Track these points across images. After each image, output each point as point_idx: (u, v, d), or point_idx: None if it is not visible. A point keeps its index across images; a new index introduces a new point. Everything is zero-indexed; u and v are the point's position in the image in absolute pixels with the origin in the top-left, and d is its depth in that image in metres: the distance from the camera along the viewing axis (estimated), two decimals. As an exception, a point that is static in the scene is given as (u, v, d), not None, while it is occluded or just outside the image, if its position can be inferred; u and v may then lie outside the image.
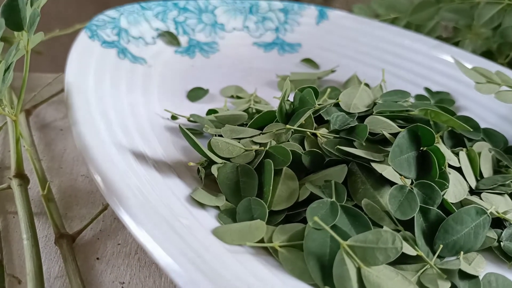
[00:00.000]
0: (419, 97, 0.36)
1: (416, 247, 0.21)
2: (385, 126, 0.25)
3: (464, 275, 0.21)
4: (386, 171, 0.23)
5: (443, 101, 0.36)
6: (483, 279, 0.21)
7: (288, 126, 0.25)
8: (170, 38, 0.39)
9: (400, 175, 0.23)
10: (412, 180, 0.23)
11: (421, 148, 0.23)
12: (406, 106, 0.27)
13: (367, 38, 0.43)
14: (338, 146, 0.23)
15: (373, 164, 0.23)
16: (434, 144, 0.23)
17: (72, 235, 0.25)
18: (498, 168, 0.28)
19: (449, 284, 0.20)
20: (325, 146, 0.24)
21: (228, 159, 0.25)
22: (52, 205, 0.26)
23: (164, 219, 0.20)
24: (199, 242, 0.20)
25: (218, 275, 0.18)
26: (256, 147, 0.25)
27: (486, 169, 0.27)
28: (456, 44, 0.42)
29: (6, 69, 0.22)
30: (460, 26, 0.42)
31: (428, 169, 0.23)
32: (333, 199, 0.22)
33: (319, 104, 0.27)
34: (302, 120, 0.26)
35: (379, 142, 0.25)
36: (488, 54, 0.41)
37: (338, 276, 0.19)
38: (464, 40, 0.42)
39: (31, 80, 0.39)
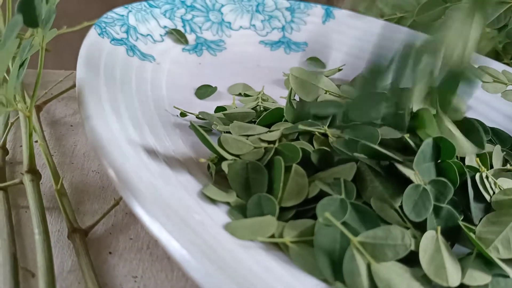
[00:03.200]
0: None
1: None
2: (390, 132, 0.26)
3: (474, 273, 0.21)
4: (409, 173, 0.23)
5: None
6: (492, 278, 0.21)
7: (301, 126, 0.25)
8: (178, 36, 0.40)
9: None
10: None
11: (439, 160, 0.24)
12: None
13: (373, 38, 0.43)
14: (373, 146, 0.23)
15: (398, 166, 0.23)
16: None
17: (85, 229, 0.25)
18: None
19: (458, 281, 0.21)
20: (336, 145, 0.25)
21: (238, 156, 0.25)
22: (65, 200, 0.26)
23: (177, 213, 0.20)
24: (212, 237, 0.20)
25: (232, 269, 0.18)
26: (265, 144, 0.26)
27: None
28: (462, 43, 0.43)
29: (21, 65, 0.23)
30: (466, 26, 0.43)
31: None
32: (343, 196, 0.22)
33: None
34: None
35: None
36: (493, 54, 0.41)
37: (348, 272, 0.19)
38: (470, 39, 0.42)
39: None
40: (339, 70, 0.40)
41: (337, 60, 0.41)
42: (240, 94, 0.36)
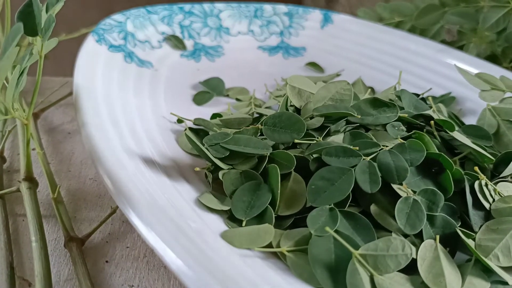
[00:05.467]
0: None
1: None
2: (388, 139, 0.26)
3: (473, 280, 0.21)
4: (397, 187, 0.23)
5: (444, 101, 0.36)
6: (491, 285, 0.21)
7: (297, 140, 0.25)
8: (176, 42, 0.40)
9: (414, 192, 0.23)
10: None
11: (435, 169, 0.24)
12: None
13: (372, 42, 0.43)
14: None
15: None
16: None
17: (82, 238, 0.25)
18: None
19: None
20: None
21: (232, 165, 0.25)
22: (61, 208, 0.26)
23: (173, 221, 0.20)
24: (208, 245, 0.20)
25: (228, 279, 0.18)
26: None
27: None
28: (461, 48, 0.43)
29: (20, 74, 0.23)
30: (465, 30, 0.42)
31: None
32: (331, 205, 0.22)
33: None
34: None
35: None
36: (492, 58, 0.41)
37: (352, 285, 0.19)
38: (469, 43, 0.42)
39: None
40: (338, 75, 0.40)
41: (335, 65, 0.41)
42: (228, 96, 0.35)
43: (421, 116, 0.28)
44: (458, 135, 0.27)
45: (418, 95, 0.32)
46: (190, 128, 0.28)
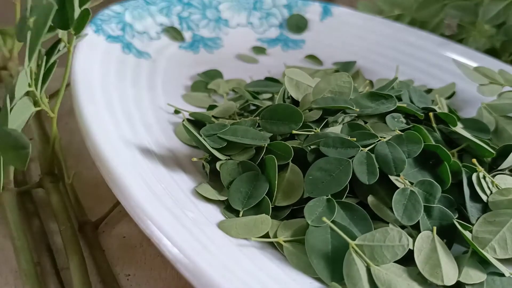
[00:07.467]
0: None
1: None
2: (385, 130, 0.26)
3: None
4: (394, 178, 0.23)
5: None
6: (487, 277, 0.21)
7: (294, 131, 0.25)
8: (174, 33, 0.39)
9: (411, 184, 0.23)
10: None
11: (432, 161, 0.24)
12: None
13: (372, 35, 0.43)
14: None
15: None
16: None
17: (95, 222, 0.25)
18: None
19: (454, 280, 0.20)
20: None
21: (229, 155, 0.25)
22: (71, 195, 0.27)
23: (170, 211, 0.20)
24: (205, 235, 0.20)
25: (225, 268, 0.18)
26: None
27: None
28: (460, 41, 0.42)
29: (50, 67, 0.23)
30: (465, 23, 0.42)
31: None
32: (329, 196, 0.22)
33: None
34: None
35: None
36: (492, 52, 0.41)
37: (348, 276, 0.19)
38: (468, 37, 0.42)
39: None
40: (337, 70, 0.39)
41: (334, 58, 0.41)
42: (213, 91, 0.35)
43: (423, 109, 0.28)
44: (458, 128, 0.27)
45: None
46: (188, 119, 0.28)
